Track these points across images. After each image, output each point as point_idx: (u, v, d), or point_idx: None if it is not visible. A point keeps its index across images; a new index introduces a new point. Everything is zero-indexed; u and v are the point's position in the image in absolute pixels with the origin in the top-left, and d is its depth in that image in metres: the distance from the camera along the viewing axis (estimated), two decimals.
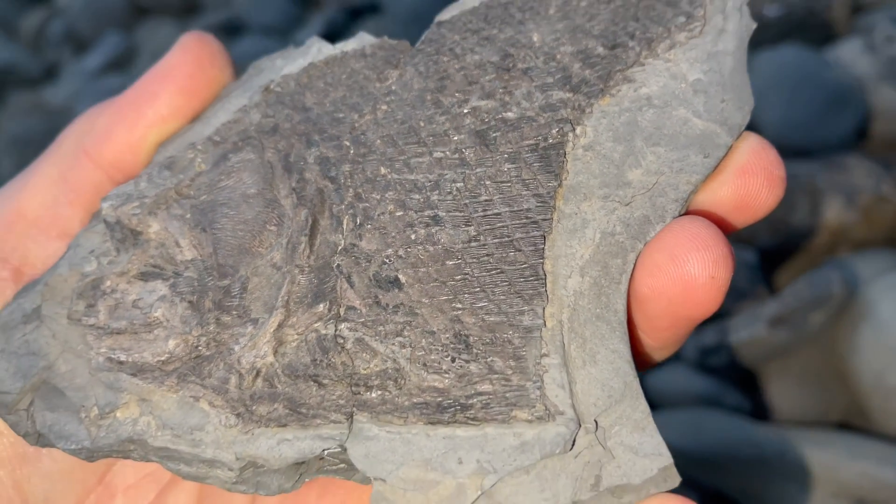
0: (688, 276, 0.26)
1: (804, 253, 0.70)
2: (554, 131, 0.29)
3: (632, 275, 0.28)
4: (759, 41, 0.82)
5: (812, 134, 0.73)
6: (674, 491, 0.26)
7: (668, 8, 0.31)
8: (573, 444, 0.25)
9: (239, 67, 0.36)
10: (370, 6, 1.12)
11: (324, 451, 0.26)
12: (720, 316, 0.65)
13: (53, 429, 0.28)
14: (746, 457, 0.59)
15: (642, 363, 0.29)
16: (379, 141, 0.30)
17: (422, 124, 0.30)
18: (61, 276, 0.30)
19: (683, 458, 0.60)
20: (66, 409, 0.29)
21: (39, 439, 0.29)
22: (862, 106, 0.74)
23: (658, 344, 0.29)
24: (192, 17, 1.21)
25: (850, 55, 0.77)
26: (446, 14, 0.33)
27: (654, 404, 0.66)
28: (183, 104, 0.33)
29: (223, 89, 0.34)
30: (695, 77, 0.30)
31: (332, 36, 1.09)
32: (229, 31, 1.15)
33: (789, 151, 0.74)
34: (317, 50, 0.33)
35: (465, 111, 0.30)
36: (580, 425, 0.26)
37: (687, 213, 0.29)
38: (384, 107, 0.31)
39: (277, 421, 0.27)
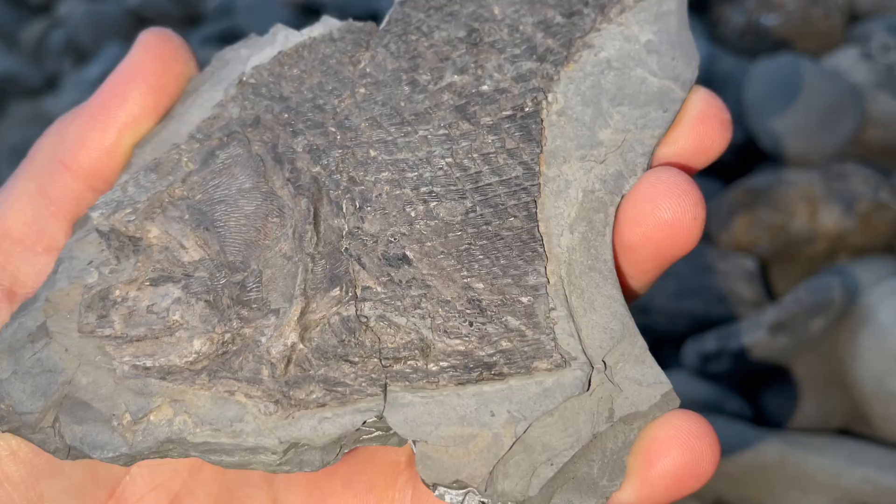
0: (673, 220, 0.30)
1: (804, 260, 0.70)
2: (529, 101, 0.32)
3: (615, 226, 0.31)
4: (757, 50, 0.83)
5: (810, 142, 0.73)
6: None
7: None
8: (589, 384, 0.28)
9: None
10: (370, 14, 1.13)
11: (364, 422, 0.28)
12: (722, 322, 0.66)
13: (86, 440, 0.29)
14: (748, 463, 0.59)
15: (628, 298, 0.32)
16: (364, 124, 0.31)
17: (402, 104, 0.32)
18: (62, 290, 0.30)
19: None
20: (94, 419, 0.29)
21: (70, 452, 0.29)
22: (858, 114, 0.75)
23: (642, 283, 0.32)
24: (192, 27, 1.22)
25: (847, 63, 0.78)
26: None
27: None
28: (153, 103, 0.33)
29: (189, 83, 0.34)
30: (646, 38, 0.33)
31: None
32: (230, 41, 1.16)
33: (787, 159, 0.75)
34: (283, 37, 0.34)
35: (442, 87, 0.32)
36: (593, 367, 0.28)
37: (652, 164, 0.32)
38: (362, 90, 0.32)
39: (316, 402, 0.28)
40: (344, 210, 0.30)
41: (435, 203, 0.30)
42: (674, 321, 0.67)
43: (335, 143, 0.31)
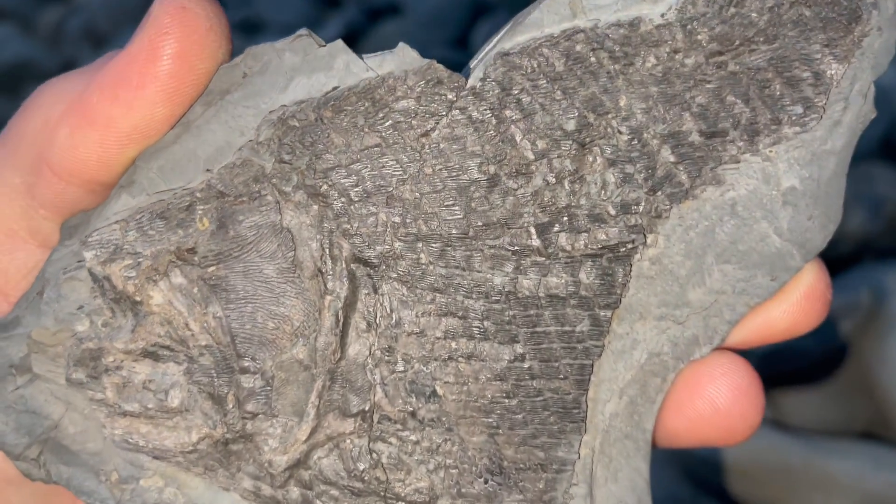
0: (729, 425, 0.28)
1: (828, 262, 0.70)
2: (624, 243, 0.27)
3: (668, 405, 0.28)
4: None
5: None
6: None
7: (786, 89, 0.26)
8: None
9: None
10: (390, 6, 1.12)
11: None
12: None
13: (72, 483, 0.28)
14: (770, 466, 0.59)
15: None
16: (421, 221, 0.26)
17: (473, 205, 0.26)
18: (47, 329, 0.27)
19: (708, 467, 0.60)
20: (81, 466, 0.28)
21: (55, 484, 0.28)
22: (887, 115, 0.74)
23: (674, 448, 0.30)
24: None
25: None
26: (514, 38, 0.27)
27: None
28: (165, 114, 0.27)
29: (213, 77, 0.28)
30: (789, 184, 0.27)
31: (352, 38, 1.09)
32: (248, 30, 1.16)
33: None
34: (343, 66, 0.27)
35: (527, 195, 0.26)
36: None
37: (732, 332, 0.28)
38: (428, 171, 0.26)
39: None
40: (377, 323, 0.27)
41: (481, 341, 0.27)
42: None
43: (383, 236, 0.26)
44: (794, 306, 0.28)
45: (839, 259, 0.69)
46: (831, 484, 0.57)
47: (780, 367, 0.62)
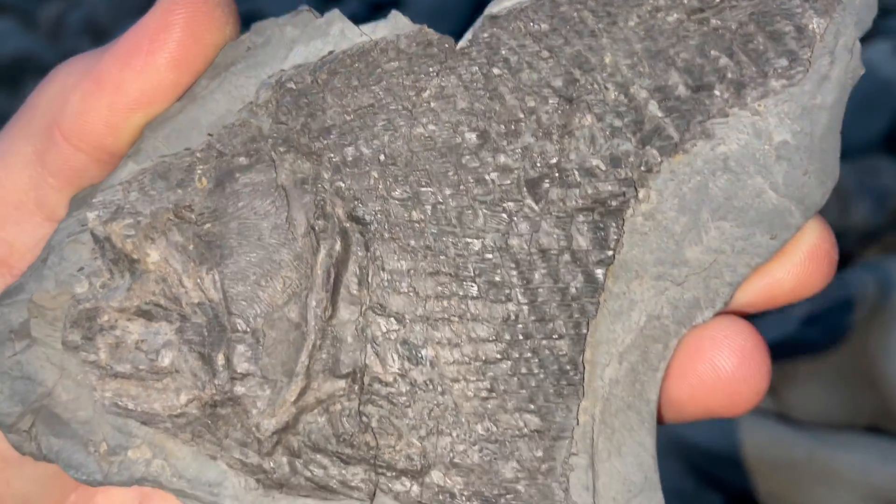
0: (733, 390, 0.27)
1: None
2: (616, 196, 0.27)
3: (670, 373, 0.27)
4: None
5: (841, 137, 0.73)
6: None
7: (769, 43, 0.27)
8: None
9: None
10: (391, 0, 1.12)
11: None
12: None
13: (61, 456, 0.28)
14: (774, 459, 0.59)
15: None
16: (413, 176, 0.27)
17: (464, 160, 0.27)
18: (48, 292, 0.28)
19: (712, 459, 0.60)
20: (71, 437, 0.28)
21: (46, 458, 0.28)
22: (890, 109, 0.74)
23: (679, 422, 0.29)
24: None
25: (878, 57, 0.77)
26: (502, 4, 0.28)
27: None
28: (172, 80, 0.28)
29: (220, 52, 0.29)
30: (781, 138, 0.27)
31: None
32: (250, 23, 1.15)
33: None
34: (339, 32, 0.28)
35: (516, 149, 0.27)
36: None
37: (737, 295, 0.28)
38: (420, 129, 0.27)
39: (298, 490, 0.27)
40: (369, 280, 0.27)
41: (474, 300, 0.27)
42: None
43: (375, 192, 0.27)
44: (799, 266, 0.27)
45: (844, 252, 0.69)
46: (836, 477, 0.57)
47: (784, 358, 0.62)
